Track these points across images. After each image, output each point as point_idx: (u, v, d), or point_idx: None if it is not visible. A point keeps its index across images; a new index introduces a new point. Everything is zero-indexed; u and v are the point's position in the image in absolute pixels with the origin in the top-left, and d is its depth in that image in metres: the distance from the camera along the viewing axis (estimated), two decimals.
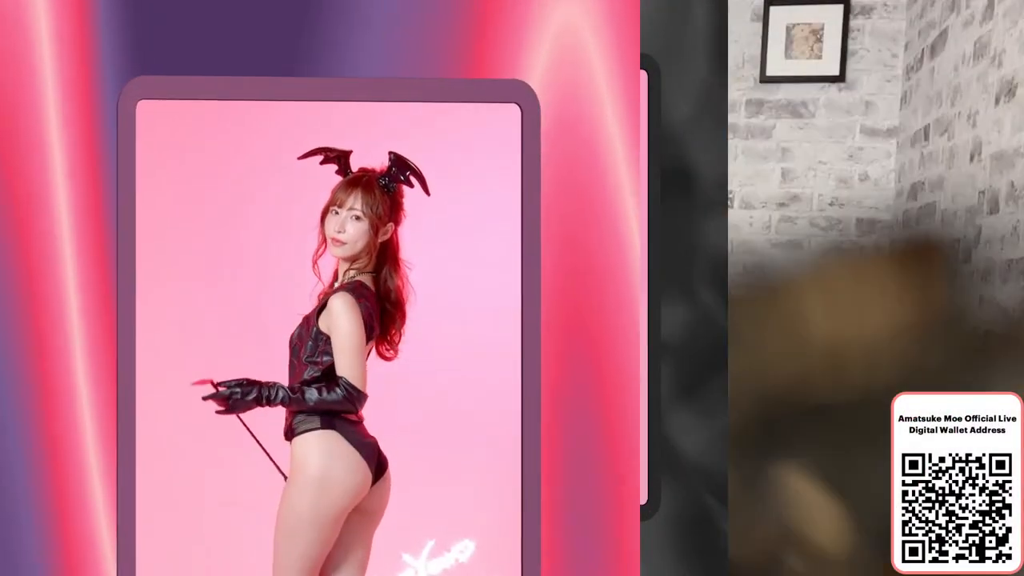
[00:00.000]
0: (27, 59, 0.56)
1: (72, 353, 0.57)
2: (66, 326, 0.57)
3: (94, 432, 0.57)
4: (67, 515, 0.57)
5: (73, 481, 0.57)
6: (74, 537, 0.57)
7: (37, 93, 0.56)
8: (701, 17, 0.64)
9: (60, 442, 0.57)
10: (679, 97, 0.63)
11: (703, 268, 0.64)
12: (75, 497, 0.57)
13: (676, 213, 0.63)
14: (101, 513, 0.57)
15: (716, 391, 0.65)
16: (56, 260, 0.56)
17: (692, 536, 0.65)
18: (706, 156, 0.64)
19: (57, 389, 0.57)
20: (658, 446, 0.62)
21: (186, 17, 0.57)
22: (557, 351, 0.56)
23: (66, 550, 0.57)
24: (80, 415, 0.57)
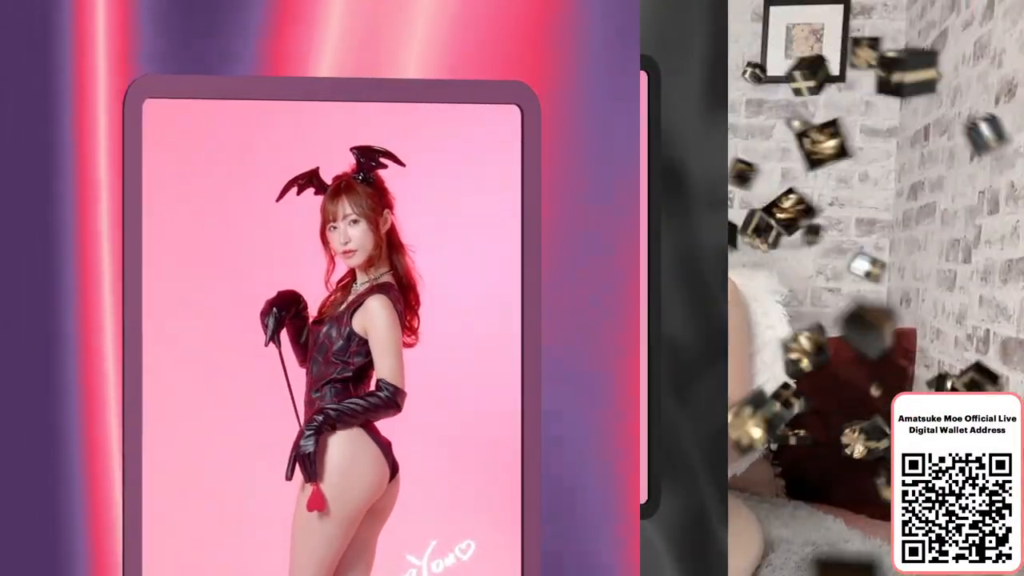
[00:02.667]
0: (32, 55, 0.56)
1: (72, 352, 0.57)
2: (70, 324, 0.57)
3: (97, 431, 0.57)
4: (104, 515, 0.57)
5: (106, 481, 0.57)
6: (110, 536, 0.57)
7: (43, 91, 0.56)
8: (701, 17, 0.63)
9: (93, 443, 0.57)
10: (679, 97, 0.63)
11: (703, 268, 0.64)
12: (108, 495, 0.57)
13: (677, 213, 0.63)
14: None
15: (716, 390, 0.65)
16: (63, 259, 0.56)
17: (692, 535, 0.65)
18: (706, 156, 0.64)
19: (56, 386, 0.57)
20: (658, 445, 0.62)
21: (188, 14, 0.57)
22: (556, 351, 0.55)
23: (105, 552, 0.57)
24: (78, 414, 0.57)
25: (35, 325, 0.57)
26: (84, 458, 0.57)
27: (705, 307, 0.64)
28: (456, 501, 0.53)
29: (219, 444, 0.52)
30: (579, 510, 0.57)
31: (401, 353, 0.53)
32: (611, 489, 0.57)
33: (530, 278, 0.51)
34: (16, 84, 0.56)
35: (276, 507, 0.52)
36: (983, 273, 1.82)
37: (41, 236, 0.56)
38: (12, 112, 0.56)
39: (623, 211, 0.56)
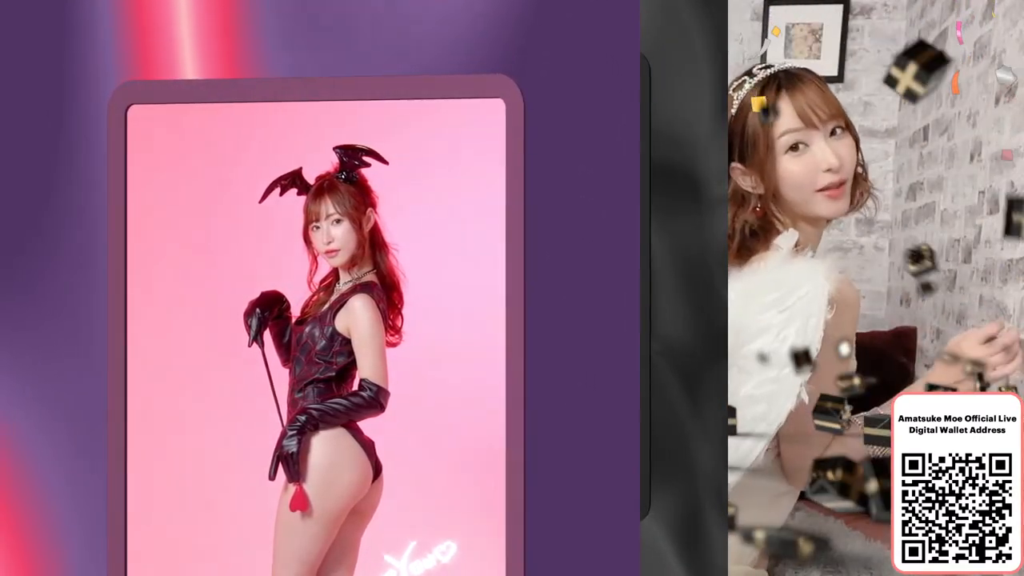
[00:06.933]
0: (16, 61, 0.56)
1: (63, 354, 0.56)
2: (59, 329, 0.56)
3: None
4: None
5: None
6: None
7: (28, 96, 0.56)
8: (700, 16, 0.63)
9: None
10: (679, 97, 0.63)
11: (704, 268, 0.64)
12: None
13: (676, 212, 0.63)
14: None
15: (715, 389, 0.65)
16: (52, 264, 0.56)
17: (691, 535, 0.65)
18: (706, 155, 0.64)
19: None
20: (656, 444, 0.62)
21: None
22: (553, 350, 0.55)
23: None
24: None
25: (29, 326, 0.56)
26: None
27: (706, 307, 0.63)
28: (438, 502, 0.53)
29: (202, 444, 0.52)
30: (578, 509, 0.56)
31: (384, 353, 0.53)
32: (610, 487, 0.56)
33: (514, 276, 0.51)
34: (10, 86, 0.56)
35: (259, 507, 0.52)
36: (983, 273, 1.82)
37: (30, 238, 0.56)
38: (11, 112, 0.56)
39: (616, 210, 0.56)
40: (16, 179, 0.56)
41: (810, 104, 1.12)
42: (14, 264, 0.56)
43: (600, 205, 0.56)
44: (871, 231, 2.63)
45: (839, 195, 1.14)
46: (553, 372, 0.55)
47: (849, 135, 1.16)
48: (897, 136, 2.59)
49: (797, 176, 1.13)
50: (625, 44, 0.56)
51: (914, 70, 0.64)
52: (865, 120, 2.57)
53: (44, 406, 0.56)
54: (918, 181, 2.38)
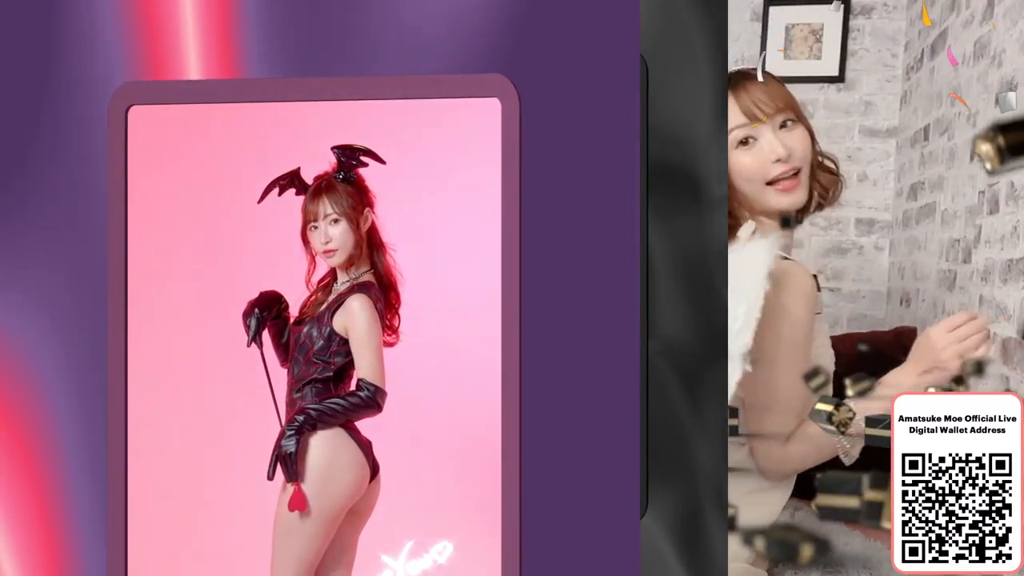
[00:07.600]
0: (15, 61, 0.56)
1: (63, 354, 0.56)
2: (57, 332, 0.56)
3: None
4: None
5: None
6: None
7: (28, 96, 0.56)
8: (700, 16, 0.63)
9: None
10: (678, 97, 0.63)
11: (704, 267, 0.64)
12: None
13: (675, 212, 0.63)
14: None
15: (715, 389, 0.64)
16: (52, 264, 0.56)
17: (691, 535, 0.65)
18: (705, 155, 0.64)
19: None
20: (655, 444, 0.62)
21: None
22: (552, 350, 0.55)
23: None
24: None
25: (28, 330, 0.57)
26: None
27: (705, 307, 0.63)
28: (435, 501, 0.53)
29: (201, 444, 0.52)
30: (578, 508, 0.56)
31: (382, 352, 0.53)
32: (609, 487, 0.56)
33: (511, 276, 0.51)
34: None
35: (257, 507, 0.52)
36: (983, 273, 1.82)
37: (30, 238, 0.56)
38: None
39: (615, 210, 0.56)
40: (16, 179, 0.56)
41: (754, 100, 1.17)
42: (14, 264, 0.56)
43: (599, 205, 0.56)
44: (871, 231, 2.63)
45: (792, 187, 1.19)
46: (552, 372, 0.55)
47: (801, 126, 1.20)
48: (898, 136, 2.59)
49: (748, 168, 1.18)
50: (624, 44, 0.56)
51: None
52: (866, 120, 2.57)
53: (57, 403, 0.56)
54: (919, 181, 2.38)
